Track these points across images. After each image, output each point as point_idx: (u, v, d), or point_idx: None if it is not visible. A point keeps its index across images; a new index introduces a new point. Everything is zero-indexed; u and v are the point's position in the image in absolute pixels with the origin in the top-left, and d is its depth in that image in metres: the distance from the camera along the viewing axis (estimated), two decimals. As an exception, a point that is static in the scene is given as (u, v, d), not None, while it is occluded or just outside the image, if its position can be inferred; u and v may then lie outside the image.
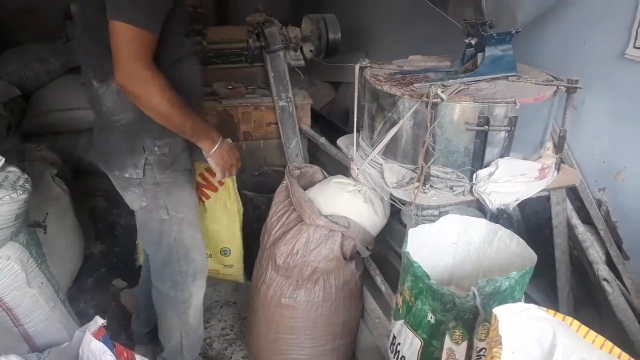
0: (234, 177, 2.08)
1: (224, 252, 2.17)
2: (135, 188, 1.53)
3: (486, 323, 1.07)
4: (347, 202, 1.75)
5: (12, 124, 2.96)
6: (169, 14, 1.32)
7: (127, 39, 1.25)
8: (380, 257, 1.99)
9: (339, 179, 1.83)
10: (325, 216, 1.69)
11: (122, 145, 1.48)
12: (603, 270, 1.68)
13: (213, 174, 2.06)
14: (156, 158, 1.48)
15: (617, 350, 0.92)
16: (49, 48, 3.26)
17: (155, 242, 1.65)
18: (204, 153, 1.53)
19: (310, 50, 2.65)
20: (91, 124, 3.16)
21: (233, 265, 2.20)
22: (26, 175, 1.67)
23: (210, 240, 2.07)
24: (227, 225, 2.09)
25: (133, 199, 1.57)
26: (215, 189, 2.05)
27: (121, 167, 1.51)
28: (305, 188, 1.87)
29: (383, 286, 1.77)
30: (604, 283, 1.67)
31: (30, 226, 1.86)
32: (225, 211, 2.08)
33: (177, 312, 1.74)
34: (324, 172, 2.01)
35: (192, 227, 1.66)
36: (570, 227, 1.73)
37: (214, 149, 1.51)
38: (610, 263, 1.74)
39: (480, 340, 1.09)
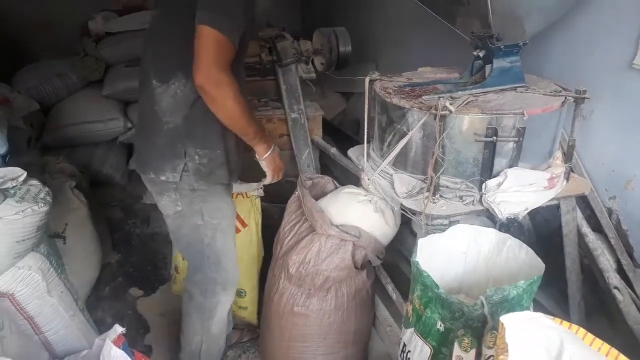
0: (259, 223, 2.13)
1: (239, 293, 2.13)
2: (172, 192, 1.58)
3: (494, 331, 1.08)
4: (358, 212, 1.77)
5: (32, 137, 3.04)
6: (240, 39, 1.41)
7: (213, 44, 1.34)
8: (391, 265, 2.01)
9: (350, 189, 1.87)
10: (337, 226, 1.72)
11: (165, 148, 1.53)
12: (614, 279, 1.68)
13: (237, 217, 2.08)
14: (194, 166, 1.53)
15: (623, 357, 0.93)
16: (67, 63, 3.36)
17: (187, 247, 1.70)
18: (257, 156, 1.66)
19: (322, 63, 2.69)
20: (107, 137, 3.27)
21: (247, 307, 2.18)
22: (47, 188, 1.73)
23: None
24: (245, 267, 2.07)
25: (168, 203, 1.61)
26: (237, 231, 2.05)
27: (158, 170, 1.55)
28: (316, 198, 1.90)
29: (394, 294, 1.79)
30: (615, 291, 1.67)
31: (50, 237, 1.92)
32: (245, 253, 2.08)
33: (201, 317, 1.78)
34: (335, 182, 2.04)
35: (226, 235, 1.69)
36: (581, 236, 1.74)
37: (268, 152, 1.66)
38: (621, 271, 1.74)
39: (489, 347, 1.11)
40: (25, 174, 1.65)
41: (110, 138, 3.31)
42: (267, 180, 1.75)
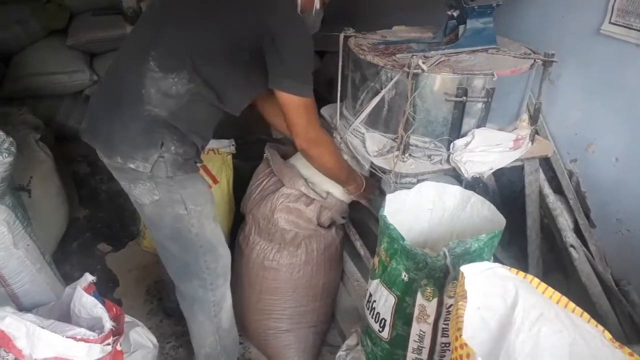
0: (230, 179, 2.11)
1: None
2: (146, 181, 1.43)
3: (455, 281, 1.13)
4: None
5: (-9, 87, 2.93)
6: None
7: (304, 110, 1.43)
8: (360, 223, 2.06)
9: None
10: (306, 180, 1.73)
11: (140, 135, 1.39)
12: (570, 237, 1.77)
13: (208, 172, 2.05)
14: (171, 156, 1.40)
15: (571, 305, 1.00)
16: (28, 9, 3.19)
17: (172, 239, 1.53)
18: (348, 193, 1.76)
19: (296, 19, 2.64)
20: (71, 89, 3.16)
21: None
22: (11, 139, 1.68)
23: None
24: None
25: (143, 192, 1.45)
26: (208, 187, 2.04)
27: (126, 156, 1.40)
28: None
29: (362, 250, 1.84)
30: (571, 249, 1.76)
31: (15, 190, 1.88)
32: (216, 209, 2.02)
33: (208, 315, 1.65)
34: None
35: (212, 220, 1.57)
36: (542, 196, 1.81)
37: (359, 191, 1.75)
38: (577, 230, 1.83)
39: (450, 297, 1.17)
40: (-13, 122, 1.60)
41: (76, 90, 3.21)
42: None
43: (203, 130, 1.49)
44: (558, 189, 1.88)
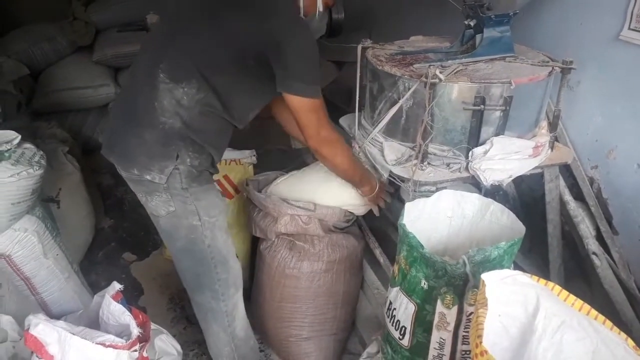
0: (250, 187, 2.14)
1: None
2: (162, 193, 1.46)
3: (475, 289, 1.14)
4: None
5: (22, 102, 3.02)
6: None
7: (312, 111, 1.44)
8: (380, 231, 2.07)
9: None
10: (286, 201, 1.77)
11: (156, 147, 1.42)
12: (592, 245, 1.75)
13: (230, 182, 2.10)
14: (185, 168, 1.44)
15: (594, 312, 1.00)
16: (56, 27, 3.31)
17: (186, 250, 1.57)
18: (362, 194, 1.77)
19: (314, 30, 2.68)
20: (97, 103, 3.25)
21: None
22: (41, 152, 1.75)
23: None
24: (238, 232, 2.09)
25: (159, 204, 1.48)
26: (230, 196, 2.09)
27: (143, 168, 1.43)
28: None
29: (382, 258, 1.85)
30: (593, 257, 1.74)
31: (44, 201, 1.95)
32: (236, 219, 2.09)
33: (222, 325, 1.68)
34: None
35: (224, 231, 1.60)
36: (563, 203, 1.80)
37: (373, 193, 1.75)
38: (599, 238, 1.81)
39: (470, 305, 1.17)
40: (19, 137, 1.67)
41: (101, 104, 3.30)
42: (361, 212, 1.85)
43: (216, 141, 1.51)
44: (579, 196, 1.86)
